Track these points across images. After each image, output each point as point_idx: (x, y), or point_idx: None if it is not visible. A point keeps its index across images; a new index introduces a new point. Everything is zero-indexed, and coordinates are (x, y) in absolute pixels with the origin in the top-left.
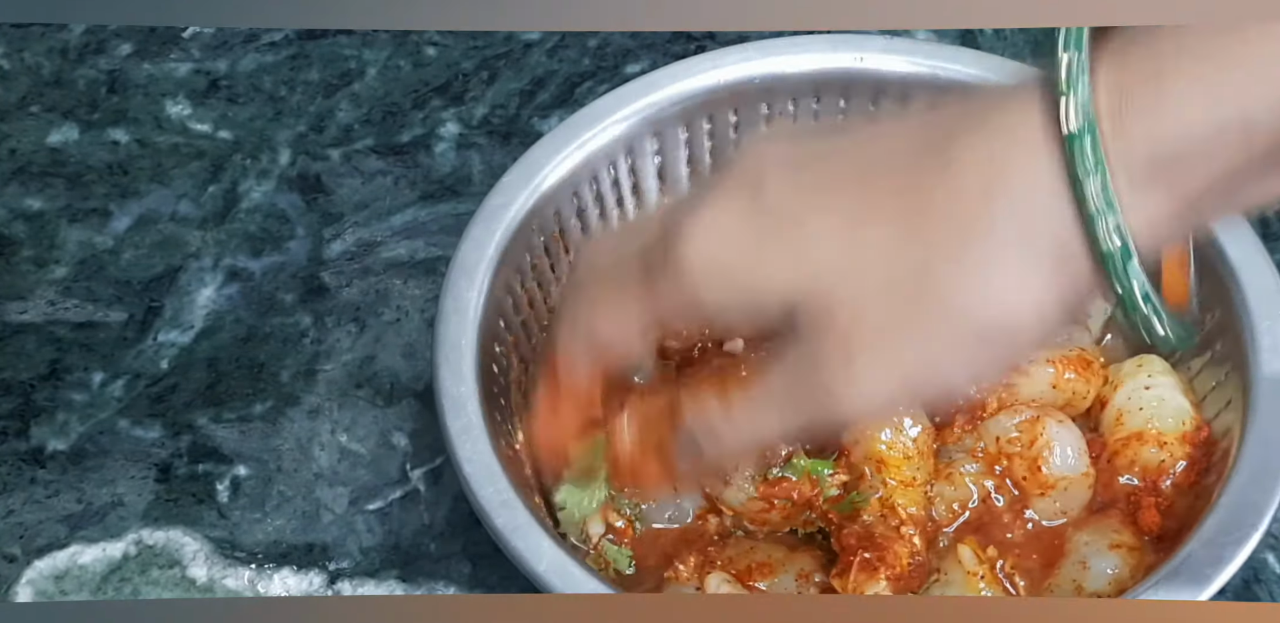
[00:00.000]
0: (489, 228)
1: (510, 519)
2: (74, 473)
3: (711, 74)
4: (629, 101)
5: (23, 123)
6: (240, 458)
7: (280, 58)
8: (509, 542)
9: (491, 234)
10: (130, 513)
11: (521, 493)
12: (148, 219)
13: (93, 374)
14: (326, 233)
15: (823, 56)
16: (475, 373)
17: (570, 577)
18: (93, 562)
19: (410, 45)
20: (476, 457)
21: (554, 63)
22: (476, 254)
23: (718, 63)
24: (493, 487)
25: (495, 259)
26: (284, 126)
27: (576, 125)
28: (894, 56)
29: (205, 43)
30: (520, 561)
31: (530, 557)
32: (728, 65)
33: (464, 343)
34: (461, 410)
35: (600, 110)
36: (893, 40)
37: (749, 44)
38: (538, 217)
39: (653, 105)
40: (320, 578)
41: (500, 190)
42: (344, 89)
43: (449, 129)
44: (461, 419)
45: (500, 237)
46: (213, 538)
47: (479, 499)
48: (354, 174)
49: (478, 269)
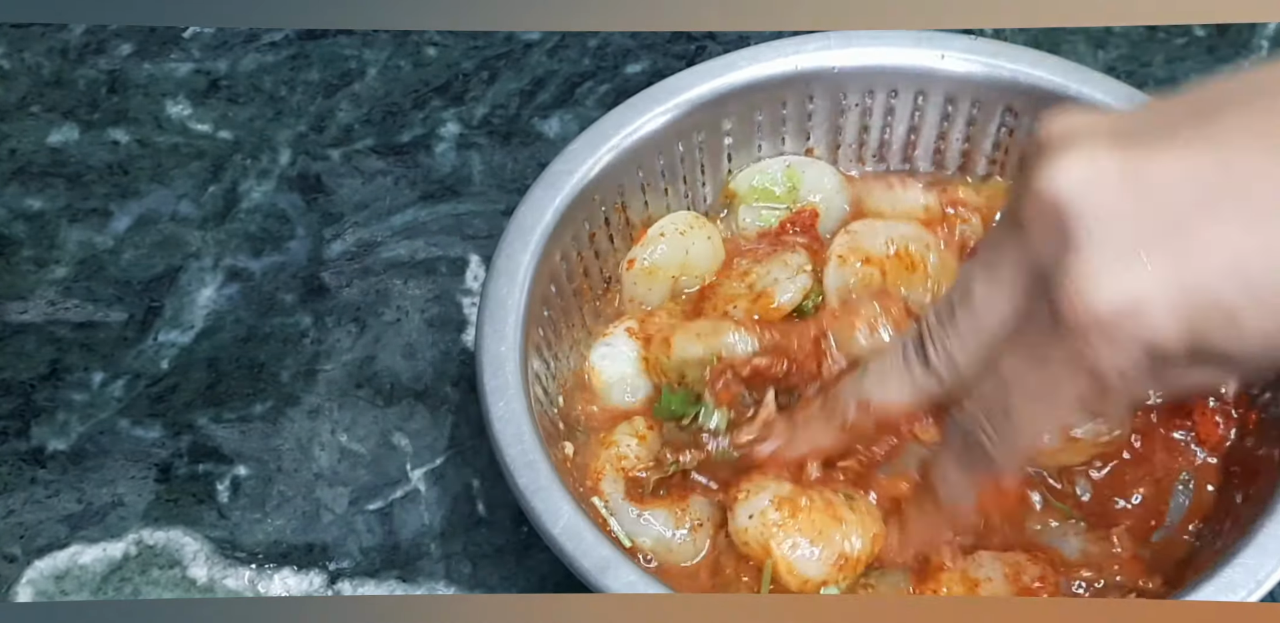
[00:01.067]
0: (550, 192)
1: (532, 480)
2: (74, 473)
3: (791, 60)
4: (706, 79)
5: (23, 123)
6: (240, 458)
7: (280, 58)
8: (529, 501)
9: (552, 199)
10: (130, 513)
11: (549, 455)
12: (148, 219)
13: (93, 374)
14: (326, 233)
15: (905, 51)
16: (519, 334)
17: (583, 540)
18: (93, 562)
19: (410, 45)
20: (509, 415)
21: (554, 63)
22: (534, 216)
23: (800, 48)
24: (520, 446)
25: (552, 223)
26: (284, 126)
27: (651, 98)
28: (975, 57)
29: (205, 43)
30: (538, 521)
31: (547, 518)
32: (809, 52)
33: (510, 303)
34: (500, 369)
35: (676, 86)
36: (976, 41)
37: (831, 33)
38: (601, 186)
39: (729, 85)
40: (320, 578)
41: (566, 157)
42: (344, 89)
43: (449, 129)
44: (499, 378)
45: (560, 202)
46: (213, 538)
47: (505, 458)
48: (354, 174)
49: (534, 232)
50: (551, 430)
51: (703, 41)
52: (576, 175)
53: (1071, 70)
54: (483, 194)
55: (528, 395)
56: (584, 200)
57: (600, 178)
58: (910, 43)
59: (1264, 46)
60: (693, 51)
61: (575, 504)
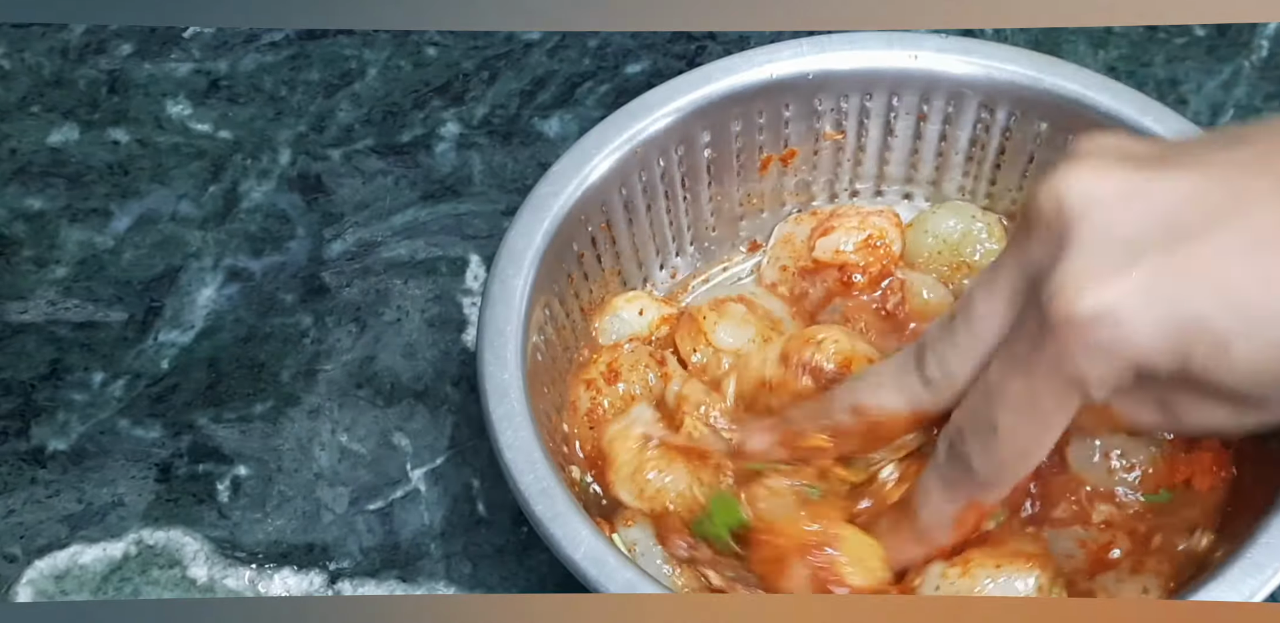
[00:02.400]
0: (537, 216)
1: (549, 507)
2: (74, 473)
3: (766, 68)
4: (683, 93)
5: (23, 123)
6: (240, 458)
7: (280, 58)
8: (548, 529)
9: (540, 222)
10: (130, 513)
11: (561, 481)
12: (148, 219)
13: (93, 374)
14: (327, 233)
15: (877, 54)
16: (519, 360)
17: (605, 566)
18: (93, 562)
19: (410, 45)
20: (519, 444)
21: (554, 63)
22: (524, 241)
23: (773, 57)
24: (533, 474)
25: (542, 247)
26: (284, 126)
27: (628, 115)
28: (948, 56)
29: (205, 43)
30: (558, 548)
31: (568, 545)
32: (782, 60)
33: (509, 330)
34: (504, 397)
35: (653, 101)
36: (947, 39)
37: (803, 39)
38: (586, 206)
39: (706, 97)
40: (320, 578)
41: (549, 179)
42: (344, 89)
43: (449, 129)
44: (504, 406)
45: (548, 225)
46: (213, 538)
47: (520, 487)
48: (354, 174)
49: (525, 256)
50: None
51: (703, 41)
52: (561, 197)
53: (1045, 64)
54: (483, 194)
55: (534, 423)
56: (571, 222)
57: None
58: (882, 44)
59: (1264, 46)
60: (693, 51)
61: (593, 528)
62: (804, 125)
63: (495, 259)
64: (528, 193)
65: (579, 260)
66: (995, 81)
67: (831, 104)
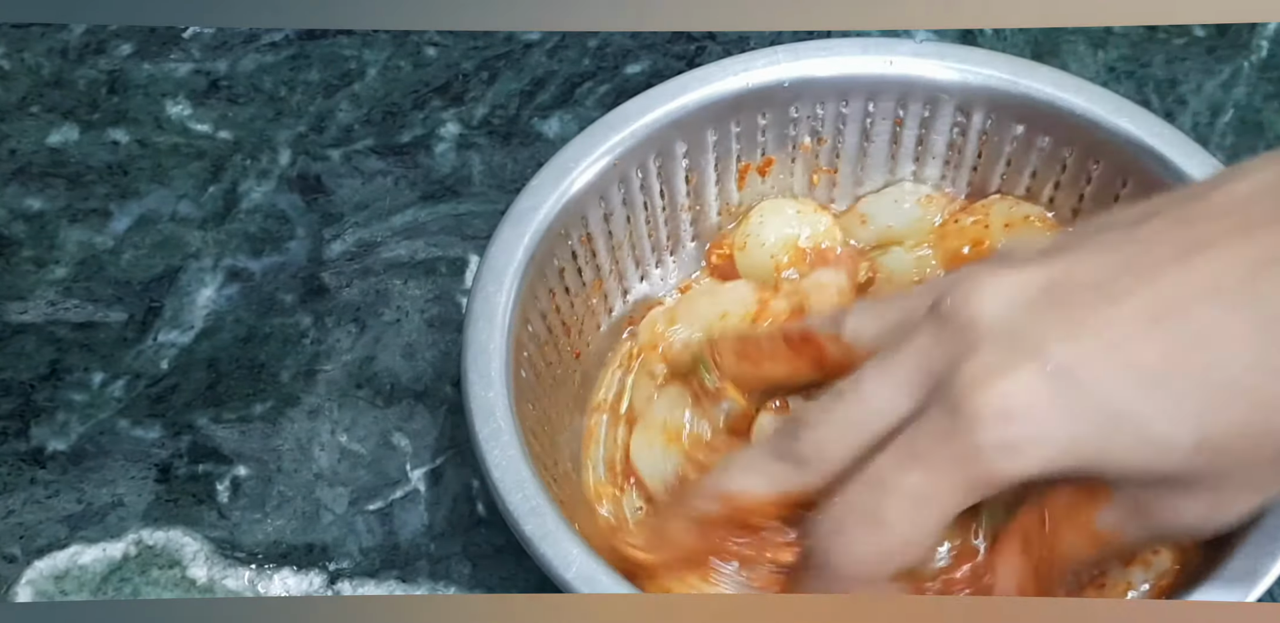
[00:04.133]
0: (518, 231)
1: (539, 526)
2: (74, 473)
3: (741, 77)
4: (659, 104)
5: (23, 123)
6: (240, 458)
7: (280, 58)
8: (538, 548)
9: (520, 237)
10: (130, 513)
11: (550, 498)
12: (148, 219)
13: (93, 374)
14: (326, 233)
15: (852, 60)
16: (504, 378)
17: (598, 584)
18: (93, 562)
19: (410, 45)
20: (506, 462)
21: (554, 63)
22: (505, 257)
23: (748, 66)
24: (521, 493)
25: (524, 262)
26: (284, 127)
27: (605, 127)
28: (924, 61)
29: (205, 43)
30: (549, 567)
31: (559, 564)
32: (757, 69)
33: (492, 347)
34: (490, 416)
35: (629, 113)
36: (922, 44)
37: (778, 47)
38: (566, 219)
39: (682, 108)
40: (320, 578)
41: (529, 193)
42: (344, 89)
43: (449, 129)
44: (490, 424)
45: (529, 240)
46: (213, 538)
47: (508, 506)
48: (354, 174)
49: (506, 272)
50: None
51: (703, 42)
52: (541, 211)
53: (1020, 68)
54: (483, 194)
55: (521, 441)
56: (551, 236)
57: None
58: (857, 50)
59: (1264, 47)
60: (693, 51)
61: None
62: (780, 133)
63: (476, 276)
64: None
65: (560, 275)
66: (970, 85)
67: (808, 111)
